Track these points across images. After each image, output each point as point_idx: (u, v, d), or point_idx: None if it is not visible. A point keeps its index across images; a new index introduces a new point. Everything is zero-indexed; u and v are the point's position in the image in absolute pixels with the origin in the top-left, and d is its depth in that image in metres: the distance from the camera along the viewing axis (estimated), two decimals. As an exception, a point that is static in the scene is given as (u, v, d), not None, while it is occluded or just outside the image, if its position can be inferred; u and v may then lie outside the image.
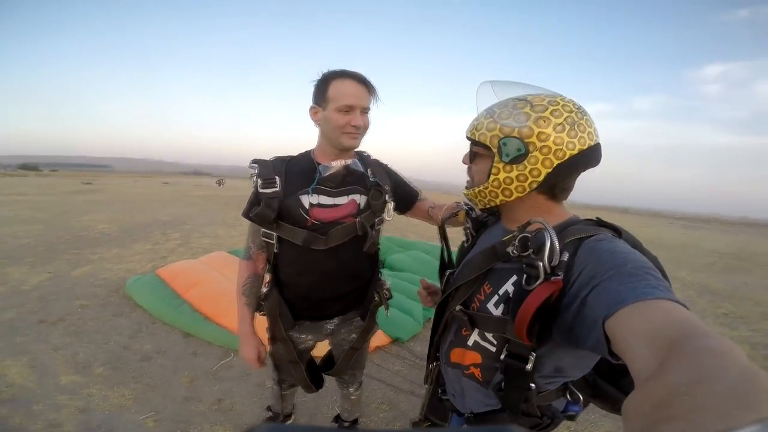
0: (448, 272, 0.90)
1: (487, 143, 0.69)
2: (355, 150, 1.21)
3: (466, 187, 0.80)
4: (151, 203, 11.89)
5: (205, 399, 2.15)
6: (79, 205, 10.22)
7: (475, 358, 0.75)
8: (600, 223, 0.68)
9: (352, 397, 1.65)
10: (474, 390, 0.78)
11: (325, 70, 1.10)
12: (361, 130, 1.11)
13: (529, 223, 0.66)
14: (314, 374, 1.44)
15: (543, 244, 0.59)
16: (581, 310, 0.54)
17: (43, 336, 2.72)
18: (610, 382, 0.82)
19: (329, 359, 1.50)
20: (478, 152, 0.74)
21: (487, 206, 0.77)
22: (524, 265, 0.62)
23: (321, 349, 1.52)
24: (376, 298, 1.35)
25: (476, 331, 0.74)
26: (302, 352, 1.36)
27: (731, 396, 0.28)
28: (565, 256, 0.59)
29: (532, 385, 0.69)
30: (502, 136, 0.67)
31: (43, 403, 1.99)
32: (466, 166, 0.80)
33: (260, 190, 1.10)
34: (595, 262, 0.57)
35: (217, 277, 3.50)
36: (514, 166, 0.67)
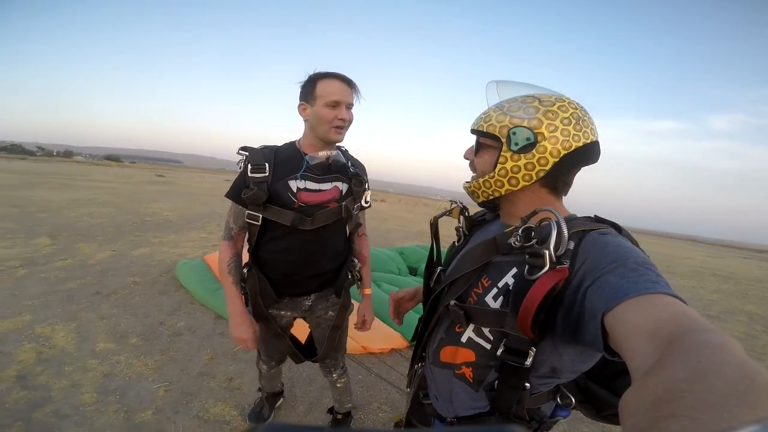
0: (438, 269, 0.89)
1: (496, 133, 0.70)
2: (337, 145, 1.32)
3: (467, 181, 0.80)
4: (212, 197, 12.84)
5: (218, 376, 2.21)
6: (149, 194, 11.33)
7: (468, 356, 0.73)
8: (599, 220, 0.68)
9: (338, 385, 1.69)
10: (463, 392, 0.75)
11: (311, 72, 1.21)
12: (347, 123, 1.22)
13: (534, 213, 0.66)
14: (299, 345, 1.53)
15: (549, 233, 0.59)
16: (582, 302, 0.53)
17: (95, 306, 2.98)
18: (602, 386, 0.80)
19: (311, 345, 1.56)
20: (485, 143, 0.75)
21: (490, 197, 0.76)
22: (527, 256, 0.61)
23: (300, 334, 1.56)
24: (349, 277, 1.45)
25: (471, 327, 0.72)
26: (283, 327, 1.44)
27: (732, 393, 0.27)
28: (571, 245, 0.59)
29: (527, 384, 0.67)
30: (511, 126, 0.69)
31: (74, 365, 2.16)
32: (468, 161, 0.81)
33: (250, 175, 1.19)
34: (598, 254, 0.56)
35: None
36: (522, 155, 0.68)
